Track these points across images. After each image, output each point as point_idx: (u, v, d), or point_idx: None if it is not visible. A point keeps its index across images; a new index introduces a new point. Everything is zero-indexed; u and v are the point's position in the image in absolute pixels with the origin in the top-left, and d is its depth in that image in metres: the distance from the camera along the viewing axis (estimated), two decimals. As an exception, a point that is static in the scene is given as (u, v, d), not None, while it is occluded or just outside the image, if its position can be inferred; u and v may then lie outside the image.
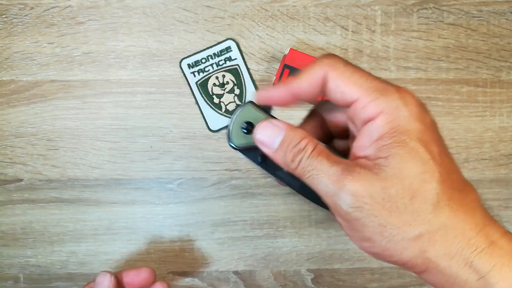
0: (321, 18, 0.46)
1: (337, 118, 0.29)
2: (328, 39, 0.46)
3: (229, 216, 0.47)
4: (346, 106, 0.26)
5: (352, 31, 0.46)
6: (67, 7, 0.45)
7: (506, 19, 0.47)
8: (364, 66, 0.46)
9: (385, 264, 0.47)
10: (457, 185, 0.24)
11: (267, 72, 0.46)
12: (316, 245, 0.47)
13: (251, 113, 0.28)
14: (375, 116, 0.24)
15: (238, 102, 0.46)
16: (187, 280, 0.47)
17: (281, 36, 0.46)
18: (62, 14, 0.45)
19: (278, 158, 0.26)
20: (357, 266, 0.47)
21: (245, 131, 0.28)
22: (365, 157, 0.24)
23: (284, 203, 0.47)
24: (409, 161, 0.23)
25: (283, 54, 0.46)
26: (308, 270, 0.47)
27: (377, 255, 0.25)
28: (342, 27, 0.46)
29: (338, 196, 0.24)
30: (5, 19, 0.45)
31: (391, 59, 0.46)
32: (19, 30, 0.45)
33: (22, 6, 0.45)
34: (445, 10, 0.47)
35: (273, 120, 0.27)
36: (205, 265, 0.47)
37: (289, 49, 0.43)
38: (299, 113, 0.46)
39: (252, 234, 0.47)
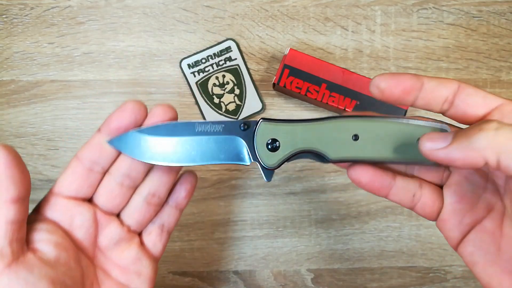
0: (321, 18, 0.46)
1: None
2: (328, 39, 0.46)
3: (229, 216, 0.47)
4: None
5: (352, 31, 0.46)
6: (67, 7, 0.45)
7: (506, 19, 0.47)
8: (364, 66, 0.46)
9: (385, 264, 0.47)
10: None
11: (267, 72, 0.46)
12: (316, 245, 0.47)
13: (270, 129, 0.27)
14: None
15: (238, 102, 0.46)
16: (187, 280, 0.47)
17: (281, 36, 0.46)
18: (62, 14, 0.45)
19: (455, 152, 0.22)
20: (357, 266, 0.47)
21: (270, 147, 0.27)
22: None
23: (284, 203, 0.47)
24: None
25: (283, 54, 0.46)
26: (308, 270, 0.47)
27: None
28: (342, 27, 0.46)
29: None
30: (5, 19, 0.45)
31: (391, 59, 0.46)
32: (19, 30, 0.45)
33: (22, 6, 0.45)
34: (445, 10, 0.47)
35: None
36: (205, 265, 0.47)
37: (289, 49, 0.43)
38: (300, 113, 0.47)
39: (252, 234, 0.47)
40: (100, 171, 0.29)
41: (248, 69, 0.46)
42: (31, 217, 0.28)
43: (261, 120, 0.27)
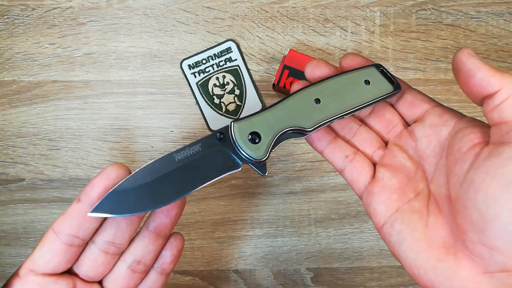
0: (320, 19, 0.47)
1: None
2: (328, 40, 0.46)
3: (229, 216, 0.47)
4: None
5: (351, 32, 0.47)
6: (68, 8, 0.46)
7: (504, 20, 0.47)
8: (363, 66, 0.47)
9: (384, 263, 0.47)
10: None
11: (267, 73, 0.46)
12: (315, 244, 0.47)
13: (245, 126, 0.27)
14: None
15: (238, 103, 0.46)
16: (188, 279, 0.47)
17: (281, 37, 0.46)
18: (63, 15, 0.46)
19: (486, 68, 0.23)
20: (356, 265, 0.47)
21: (252, 141, 0.27)
22: None
23: (283, 203, 0.47)
24: None
25: (283, 55, 0.46)
26: (307, 269, 0.47)
27: None
28: (341, 28, 0.47)
29: None
30: (6, 20, 0.45)
31: (390, 59, 0.47)
32: (20, 31, 0.45)
33: (24, 7, 0.45)
34: (444, 11, 0.47)
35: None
36: (206, 264, 0.47)
37: (288, 50, 0.43)
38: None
39: (252, 233, 0.47)
40: (80, 243, 0.26)
41: (248, 69, 0.46)
42: None
43: (232, 122, 0.27)
